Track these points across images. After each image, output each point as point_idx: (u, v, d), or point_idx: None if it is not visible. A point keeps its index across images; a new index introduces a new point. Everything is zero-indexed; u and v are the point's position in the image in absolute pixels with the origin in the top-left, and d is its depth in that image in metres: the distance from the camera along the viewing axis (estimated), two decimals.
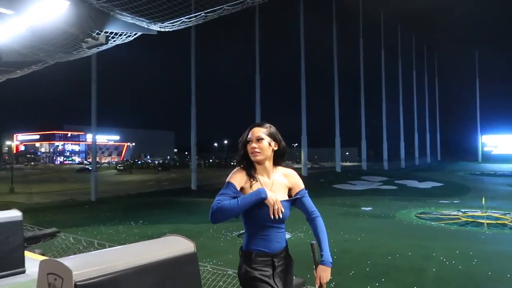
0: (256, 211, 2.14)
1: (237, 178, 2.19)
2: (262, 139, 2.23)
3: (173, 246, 3.34)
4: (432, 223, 13.18)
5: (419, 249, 9.46)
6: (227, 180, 2.21)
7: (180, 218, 14.17)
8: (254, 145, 2.23)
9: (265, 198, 2.13)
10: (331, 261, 2.20)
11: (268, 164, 2.27)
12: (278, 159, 2.31)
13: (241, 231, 11.92)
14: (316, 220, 2.31)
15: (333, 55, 35.33)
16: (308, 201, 2.31)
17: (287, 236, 11.21)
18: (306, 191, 2.32)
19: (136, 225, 12.81)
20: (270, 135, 2.26)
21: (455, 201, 18.17)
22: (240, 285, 2.26)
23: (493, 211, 14.71)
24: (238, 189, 2.17)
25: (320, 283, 2.15)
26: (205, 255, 7.26)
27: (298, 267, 2.22)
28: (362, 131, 39.20)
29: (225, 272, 5.78)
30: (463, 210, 15.44)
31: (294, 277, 6.36)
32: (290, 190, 2.30)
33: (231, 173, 2.25)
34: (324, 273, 2.15)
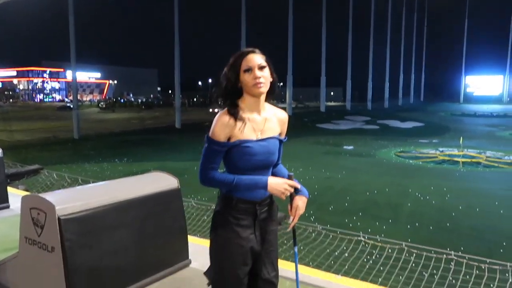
0: (244, 159, 1.86)
1: (222, 130, 1.82)
2: (265, 67, 1.88)
3: (157, 182, 3.39)
4: (411, 161, 13.62)
5: (396, 186, 9.86)
6: (210, 136, 1.84)
7: (165, 156, 14.28)
8: (258, 73, 1.84)
9: (265, 187, 1.86)
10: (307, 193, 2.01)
11: (263, 98, 1.94)
12: (269, 93, 1.96)
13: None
14: (280, 165, 2.13)
15: None
16: (281, 149, 2.11)
17: None
18: (286, 139, 2.11)
19: (121, 163, 12.88)
20: (269, 63, 1.92)
21: (434, 141, 18.68)
22: (213, 228, 2.00)
23: (469, 150, 15.22)
24: (225, 141, 1.84)
25: (295, 214, 1.96)
26: (190, 192, 7.41)
27: (282, 203, 2.13)
28: (347, 71, 38.95)
29: (209, 207, 5.94)
30: (441, 149, 15.93)
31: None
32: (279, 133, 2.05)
33: (214, 123, 1.84)
34: (302, 203, 1.94)
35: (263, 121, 1.92)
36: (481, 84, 57.78)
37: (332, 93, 61.90)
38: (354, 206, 8.06)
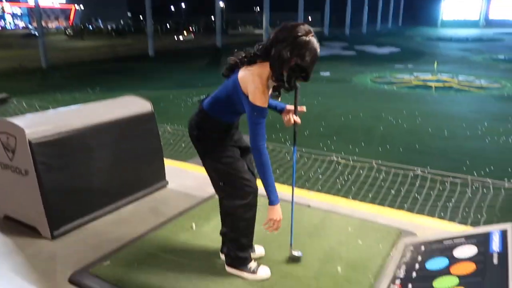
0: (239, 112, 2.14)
1: (267, 93, 1.96)
2: None
3: (130, 106, 3.36)
4: (385, 86, 13.75)
5: (370, 110, 10.04)
6: (260, 105, 1.91)
7: (138, 84, 13.92)
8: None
9: (272, 205, 2.06)
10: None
11: None
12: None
13: (202, 96, 12.02)
14: None
15: None
16: None
17: None
18: None
19: (93, 92, 12.53)
20: None
21: (409, 66, 18.74)
22: (215, 151, 2.19)
23: (442, 75, 15.42)
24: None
25: (295, 121, 2.29)
26: (165, 120, 7.37)
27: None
28: None
29: (185, 132, 5.96)
30: (415, 74, 16.07)
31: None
32: None
33: (260, 89, 1.90)
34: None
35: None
36: (458, 8, 56.99)
37: (310, 18, 60.12)
38: (329, 130, 8.24)
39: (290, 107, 2.34)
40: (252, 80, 1.91)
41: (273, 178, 2.04)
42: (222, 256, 2.50)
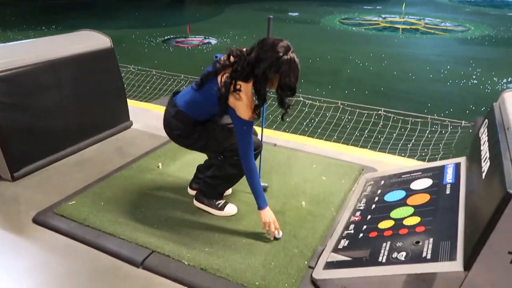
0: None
1: (251, 106, 1.99)
2: None
3: (88, 41, 3.17)
4: (354, 28, 13.65)
5: (338, 53, 10.01)
6: (247, 119, 1.98)
7: (98, 23, 13.14)
8: None
9: (261, 210, 2.12)
10: None
11: None
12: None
13: (166, 36, 11.54)
14: None
15: None
16: None
17: (213, 41, 11.11)
18: None
19: (49, 31, 11.77)
20: None
21: (377, 7, 18.57)
22: (180, 138, 2.22)
23: (410, 17, 15.42)
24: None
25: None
26: (128, 61, 7.05)
27: None
28: None
29: (149, 72, 5.78)
30: (383, 16, 15.98)
31: None
32: None
33: (246, 104, 1.96)
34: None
35: None
36: None
37: None
38: None
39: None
40: (239, 97, 1.96)
41: (260, 185, 2.12)
42: (190, 191, 2.54)
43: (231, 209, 2.37)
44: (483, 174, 1.73)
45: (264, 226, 2.14)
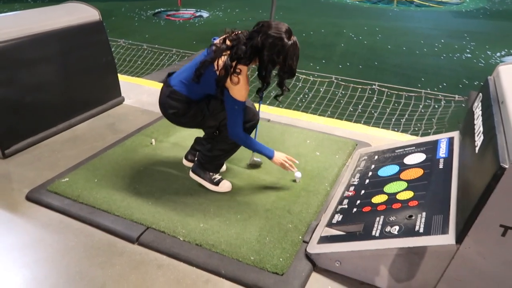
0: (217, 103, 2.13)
1: (247, 89, 2.03)
2: None
3: (75, 13, 3.07)
4: (348, 1, 13.43)
5: (332, 26, 9.89)
6: (239, 100, 2.01)
7: None
8: None
9: (272, 159, 2.24)
10: None
11: None
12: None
13: (157, 9, 11.27)
14: None
15: None
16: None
17: (205, 15, 10.88)
18: None
19: (35, 3, 11.46)
20: None
21: None
22: (176, 116, 2.19)
23: None
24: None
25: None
26: (118, 35, 6.91)
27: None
28: None
29: (140, 47, 5.67)
30: None
31: None
32: None
33: (242, 84, 1.97)
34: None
35: None
36: None
37: None
38: None
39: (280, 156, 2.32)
40: (238, 80, 1.98)
41: (258, 143, 2.22)
42: (186, 163, 2.55)
43: (226, 185, 2.37)
44: (477, 149, 1.73)
45: (283, 168, 2.29)
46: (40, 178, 2.45)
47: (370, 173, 2.33)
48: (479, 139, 1.75)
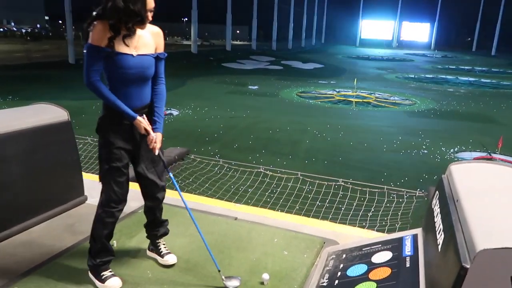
0: (120, 71, 2.15)
1: (100, 36, 2.09)
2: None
3: (43, 114, 3.11)
4: (310, 101, 14.36)
5: (296, 124, 10.39)
6: (89, 41, 2.09)
7: (58, 94, 13.05)
8: (150, 15, 2.18)
9: (132, 120, 2.20)
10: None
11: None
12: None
13: None
14: (160, 86, 2.36)
15: None
16: (162, 66, 2.35)
17: (175, 113, 11.25)
18: (166, 55, 2.33)
19: (5, 101, 11.53)
20: None
21: (332, 82, 19.80)
22: (98, 130, 2.31)
23: (361, 91, 16.49)
24: (102, 46, 2.09)
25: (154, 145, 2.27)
26: (88, 132, 6.93)
27: (187, 141, 2.20)
28: (253, 10, 38.45)
29: None
30: (337, 90, 17.00)
31: (179, 147, 6.41)
32: (155, 48, 2.28)
33: (92, 30, 2.09)
34: (159, 138, 2.28)
35: (137, 39, 2.18)
36: (374, 29, 61.41)
37: (238, 32, 61.06)
38: (257, 144, 8.36)
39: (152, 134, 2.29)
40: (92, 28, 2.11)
41: (115, 98, 2.16)
42: (149, 254, 2.63)
43: (113, 283, 2.29)
44: (439, 247, 1.76)
45: (142, 131, 2.23)
46: None
47: (339, 273, 2.29)
48: (440, 237, 1.79)
